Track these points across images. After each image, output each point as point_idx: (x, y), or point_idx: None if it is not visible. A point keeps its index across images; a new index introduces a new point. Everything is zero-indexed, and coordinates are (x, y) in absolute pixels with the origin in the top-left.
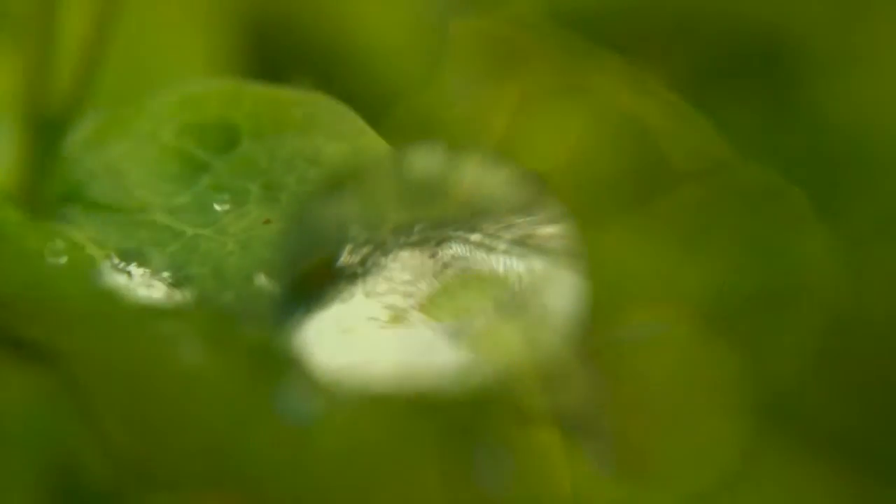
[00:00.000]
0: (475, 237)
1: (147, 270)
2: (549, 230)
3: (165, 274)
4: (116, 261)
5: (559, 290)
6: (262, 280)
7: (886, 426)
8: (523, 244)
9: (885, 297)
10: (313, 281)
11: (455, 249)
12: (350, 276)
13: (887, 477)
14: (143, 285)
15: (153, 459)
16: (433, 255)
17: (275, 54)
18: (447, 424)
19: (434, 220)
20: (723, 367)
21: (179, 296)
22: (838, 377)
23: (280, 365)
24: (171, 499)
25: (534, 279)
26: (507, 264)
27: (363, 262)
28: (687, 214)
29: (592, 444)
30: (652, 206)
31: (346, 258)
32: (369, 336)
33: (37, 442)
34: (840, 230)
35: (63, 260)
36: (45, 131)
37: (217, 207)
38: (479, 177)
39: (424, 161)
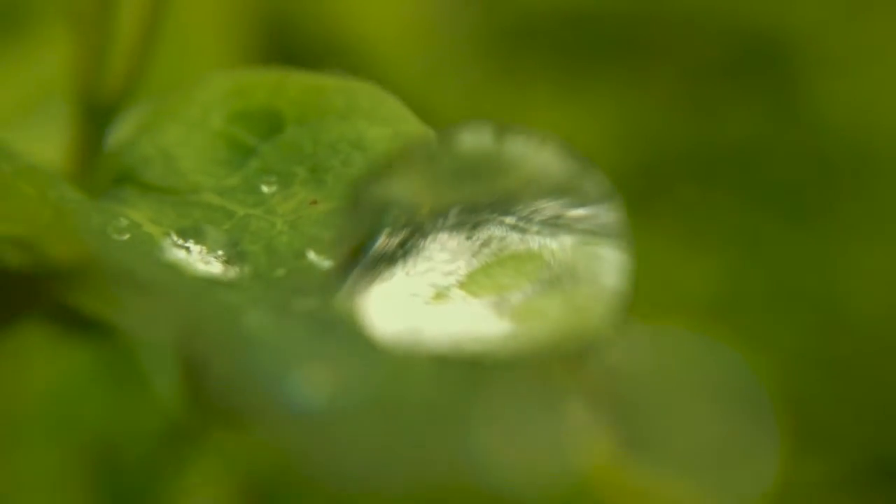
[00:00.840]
0: (510, 220)
1: (204, 247)
2: (583, 211)
3: (220, 251)
4: (175, 238)
5: (599, 265)
6: (312, 256)
7: (886, 425)
8: (558, 225)
9: (885, 297)
10: (355, 261)
11: (491, 231)
12: (390, 258)
13: (887, 476)
14: (201, 261)
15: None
16: (470, 237)
17: (278, 58)
18: (485, 393)
19: (470, 203)
20: (722, 366)
21: (234, 271)
22: (838, 377)
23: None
24: (210, 470)
25: (570, 256)
26: (542, 244)
27: (402, 245)
28: (687, 214)
29: (617, 422)
30: (652, 206)
31: (384, 241)
32: (414, 310)
33: (78, 420)
34: (840, 230)
35: (126, 237)
36: (99, 117)
37: (265, 189)
38: (517, 159)
39: (464, 144)
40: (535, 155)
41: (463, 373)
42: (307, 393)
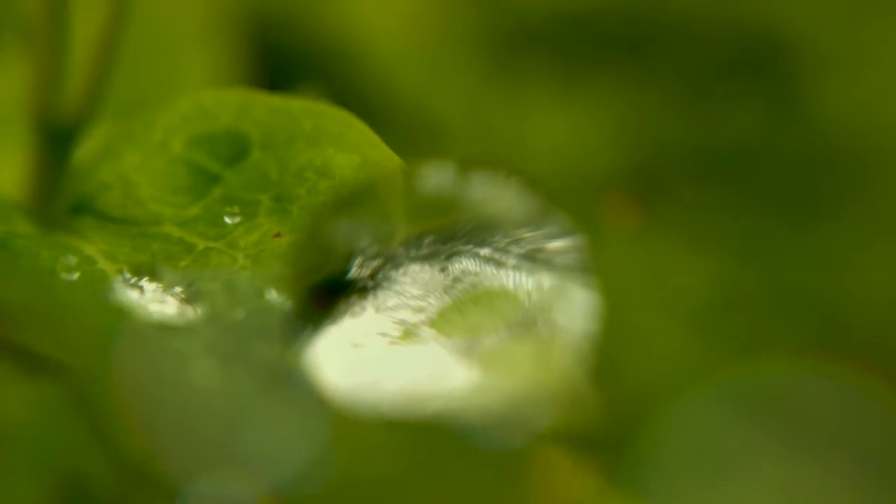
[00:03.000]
0: (485, 251)
1: (159, 285)
2: (557, 244)
3: (177, 289)
4: (128, 276)
5: (569, 306)
6: (273, 296)
7: (885, 425)
8: (533, 259)
9: (885, 296)
10: (323, 295)
11: (465, 264)
12: (360, 290)
13: (887, 476)
14: (156, 300)
15: (159, 468)
16: (443, 269)
17: (277, 58)
18: (456, 444)
19: (443, 233)
20: (719, 367)
21: (191, 312)
22: (837, 376)
23: (291, 381)
24: None
25: (544, 295)
26: (516, 279)
27: (373, 276)
28: (687, 214)
29: (599, 460)
30: (651, 206)
31: (356, 271)
32: (380, 352)
33: (43, 452)
34: (840, 230)
35: (75, 276)
36: (56, 142)
37: (228, 220)
38: (488, 191)
39: (434, 174)
40: (501, 190)
41: (420, 440)
42: (251, 449)
